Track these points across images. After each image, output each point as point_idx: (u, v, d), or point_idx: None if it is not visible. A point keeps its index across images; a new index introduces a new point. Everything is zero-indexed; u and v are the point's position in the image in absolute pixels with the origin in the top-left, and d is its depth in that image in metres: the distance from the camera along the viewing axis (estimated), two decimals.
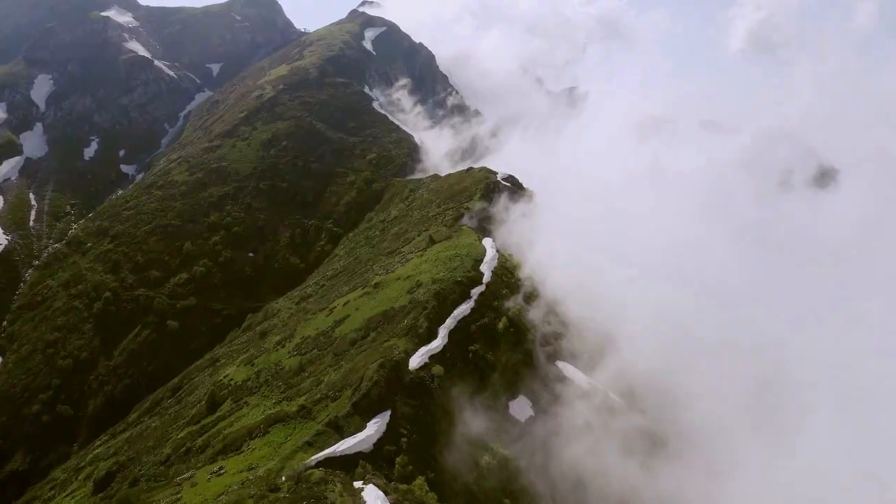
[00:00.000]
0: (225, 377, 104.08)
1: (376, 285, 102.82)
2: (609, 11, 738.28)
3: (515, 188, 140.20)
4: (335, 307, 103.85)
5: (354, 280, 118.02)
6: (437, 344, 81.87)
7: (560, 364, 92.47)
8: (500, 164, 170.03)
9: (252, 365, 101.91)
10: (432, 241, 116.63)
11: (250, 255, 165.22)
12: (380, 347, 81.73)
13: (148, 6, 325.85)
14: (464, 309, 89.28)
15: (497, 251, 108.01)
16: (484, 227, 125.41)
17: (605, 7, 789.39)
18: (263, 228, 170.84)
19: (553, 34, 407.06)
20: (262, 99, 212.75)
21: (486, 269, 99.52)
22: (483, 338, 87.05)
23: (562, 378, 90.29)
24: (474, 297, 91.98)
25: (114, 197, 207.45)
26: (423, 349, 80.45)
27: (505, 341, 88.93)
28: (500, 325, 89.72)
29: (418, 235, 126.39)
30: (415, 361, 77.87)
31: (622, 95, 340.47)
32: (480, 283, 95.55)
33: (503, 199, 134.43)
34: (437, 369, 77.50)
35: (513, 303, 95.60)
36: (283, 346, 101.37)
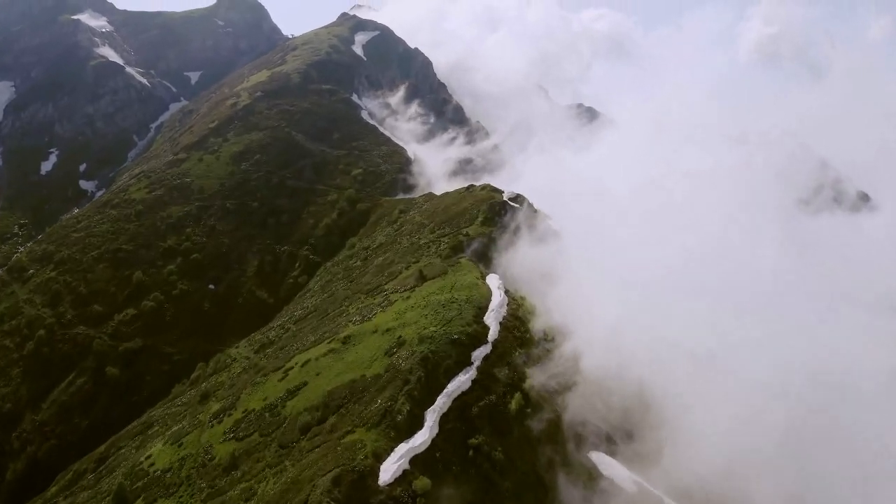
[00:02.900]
0: (146, 458, 79.44)
1: (346, 339, 77.42)
2: (616, 26, 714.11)
3: (526, 210, 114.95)
4: (292, 367, 78.40)
5: (323, 327, 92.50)
6: (422, 439, 56.48)
7: (595, 456, 66.98)
8: (506, 181, 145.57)
9: (180, 445, 76.85)
10: (423, 278, 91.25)
11: (211, 287, 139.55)
12: (338, 445, 56.26)
13: (126, 10, 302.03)
14: (462, 382, 63.86)
15: (506, 293, 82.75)
16: (488, 258, 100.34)
17: (612, 21, 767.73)
18: (228, 255, 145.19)
19: (560, 48, 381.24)
20: (237, 107, 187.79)
21: (493, 320, 74.01)
22: (489, 425, 61.59)
23: (598, 476, 64.82)
24: (476, 364, 66.55)
25: (66, 217, 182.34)
26: (401, 448, 55.17)
27: (520, 428, 63.45)
28: (513, 405, 64.27)
29: (406, 269, 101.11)
30: (388, 471, 52.51)
31: (634, 112, 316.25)
32: (485, 341, 70.12)
33: (511, 224, 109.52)
34: (422, 483, 51.95)
35: (529, 369, 70.06)
36: (220, 421, 76.04)
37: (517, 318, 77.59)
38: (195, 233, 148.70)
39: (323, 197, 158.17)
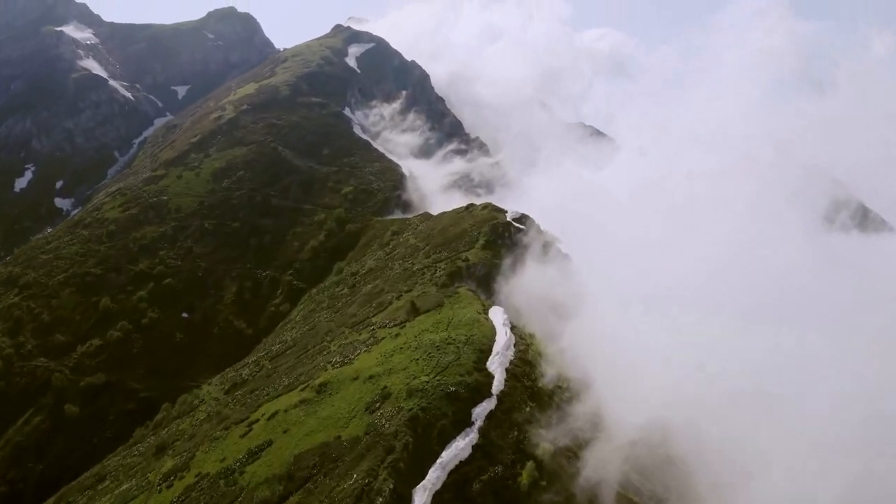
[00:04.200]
0: None
1: (322, 387, 64.69)
2: (618, 46, 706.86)
3: (532, 232, 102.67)
4: (257, 420, 65.70)
5: (300, 367, 79.90)
6: None
7: None
8: (509, 199, 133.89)
9: None
10: (415, 311, 78.82)
11: (184, 315, 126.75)
12: None
13: (113, 22, 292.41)
14: (460, 449, 51.04)
15: (511, 329, 70.07)
16: (490, 288, 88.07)
17: (614, 41, 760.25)
18: (204, 280, 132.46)
19: (561, 65, 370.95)
20: (221, 121, 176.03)
21: (497, 366, 61.30)
22: None
23: None
24: (478, 424, 53.81)
25: (37, 237, 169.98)
26: None
27: None
28: (525, 478, 51.26)
29: (397, 299, 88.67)
30: None
31: (638, 131, 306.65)
32: (488, 394, 57.35)
33: (516, 248, 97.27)
34: None
35: (543, 429, 57.28)
36: (170, 485, 63.27)
37: (526, 363, 64.85)
38: (169, 255, 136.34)
39: (310, 217, 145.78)
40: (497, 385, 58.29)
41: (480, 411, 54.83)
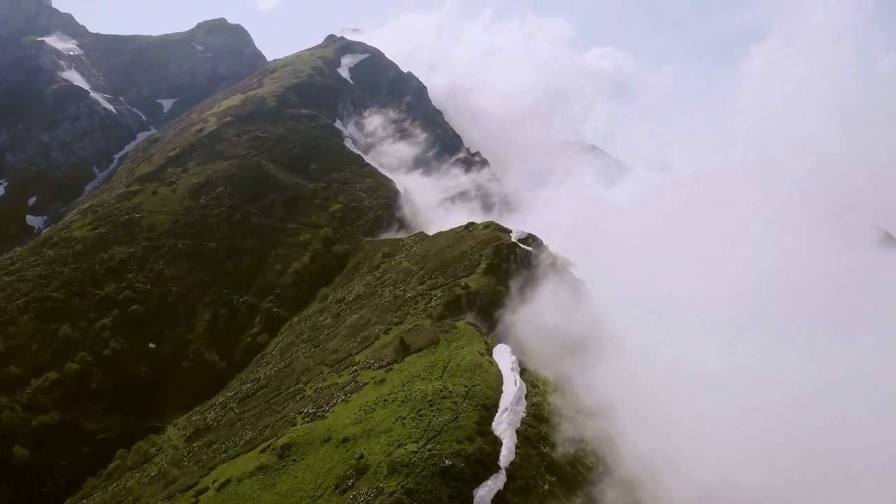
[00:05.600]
0: None
1: (286, 450, 51.81)
2: (620, 66, 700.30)
3: (541, 254, 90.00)
4: (207, 489, 52.80)
5: (267, 417, 66.97)
6: None
7: None
8: (513, 218, 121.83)
9: None
10: (405, 349, 65.94)
11: (151, 345, 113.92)
12: None
13: (98, 34, 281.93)
14: None
15: (522, 375, 57.23)
16: (493, 320, 75.38)
17: (616, 61, 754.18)
18: (175, 307, 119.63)
19: (563, 84, 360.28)
20: (201, 134, 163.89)
21: (506, 426, 48.28)
22: None
23: None
24: None
25: (2, 257, 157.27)
26: None
27: None
28: None
29: (385, 332, 75.98)
30: None
31: (643, 148, 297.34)
32: (496, 467, 44.30)
33: (523, 273, 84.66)
34: None
35: None
36: None
37: (541, 421, 51.82)
38: (138, 279, 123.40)
39: (294, 237, 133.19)
40: (506, 455, 45.37)
41: (485, 493, 41.88)
